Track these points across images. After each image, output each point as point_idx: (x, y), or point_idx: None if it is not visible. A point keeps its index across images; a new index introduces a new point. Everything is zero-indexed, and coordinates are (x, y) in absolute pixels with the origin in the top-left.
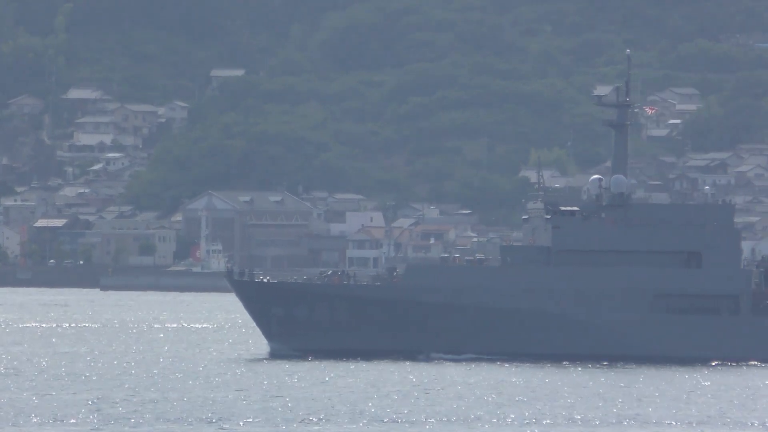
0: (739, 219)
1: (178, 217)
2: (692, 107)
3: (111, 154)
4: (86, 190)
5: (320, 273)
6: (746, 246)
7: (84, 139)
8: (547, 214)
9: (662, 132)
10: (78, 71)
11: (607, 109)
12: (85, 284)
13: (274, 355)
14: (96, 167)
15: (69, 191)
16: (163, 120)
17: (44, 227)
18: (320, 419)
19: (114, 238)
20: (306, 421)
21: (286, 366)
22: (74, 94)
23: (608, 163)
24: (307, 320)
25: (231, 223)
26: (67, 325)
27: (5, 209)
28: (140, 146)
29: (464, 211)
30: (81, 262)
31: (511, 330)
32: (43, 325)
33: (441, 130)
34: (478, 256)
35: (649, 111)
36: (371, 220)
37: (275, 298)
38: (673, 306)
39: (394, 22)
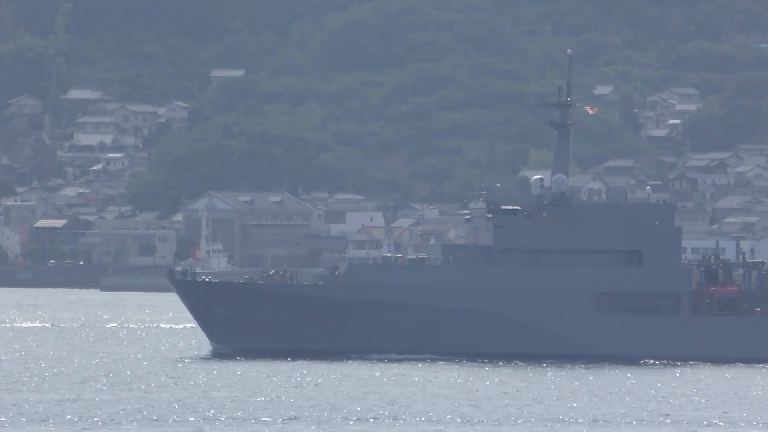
0: (738, 219)
1: (179, 217)
2: (692, 107)
3: (111, 155)
4: (86, 191)
5: (262, 273)
6: (746, 246)
7: (84, 139)
8: (488, 213)
9: (662, 132)
10: (78, 71)
11: (549, 109)
12: (86, 284)
13: (216, 355)
14: (96, 167)
15: (69, 191)
16: (163, 120)
17: (44, 227)
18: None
19: (114, 239)
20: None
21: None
22: (74, 94)
23: (608, 163)
24: (250, 320)
25: (231, 224)
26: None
27: (5, 209)
28: (140, 146)
29: (464, 211)
30: (81, 263)
31: (453, 329)
32: None
33: (441, 130)
34: (420, 255)
35: (590, 111)
36: (371, 221)
37: (217, 298)
38: (614, 305)
39: (394, 22)
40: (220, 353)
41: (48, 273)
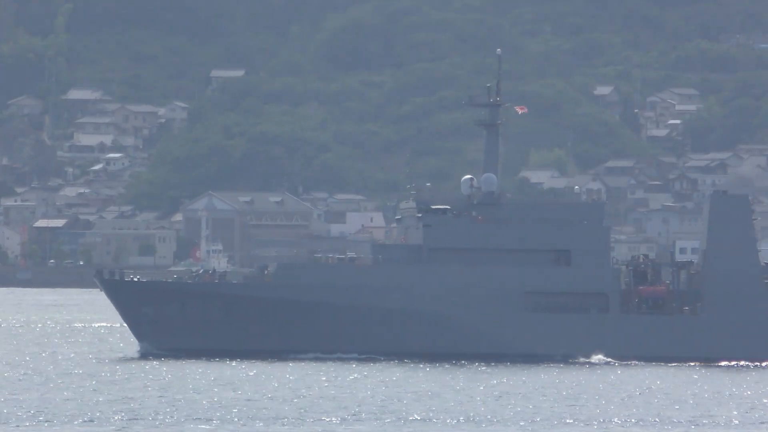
0: None
1: (179, 217)
2: (692, 107)
3: (111, 155)
4: (86, 191)
5: (191, 272)
6: None
7: (84, 139)
8: (418, 212)
9: (662, 132)
10: (78, 72)
11: (478, 109)
12: (85, 284)
13: (145, 355)
14: (96, 167)
15: (69, 191)
16: (163, 120)
17: (44, 227)
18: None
19: (114, 239)
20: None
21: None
22: (74, 94)
23: (608, 164)
24: (178, 319)
25: (231, 224)
26: None
27: (5, 209)
28: (140, 147)
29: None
30: (81, 263)
31: (383, 328)
32: None
33: (441, 130)
34: (350, 254)
35: (519, 110)
36: (371, 221)
37: (146, 298)
38: (543, 304)
39: (394, 22)
40: (149, 353)
41: (48, 273)
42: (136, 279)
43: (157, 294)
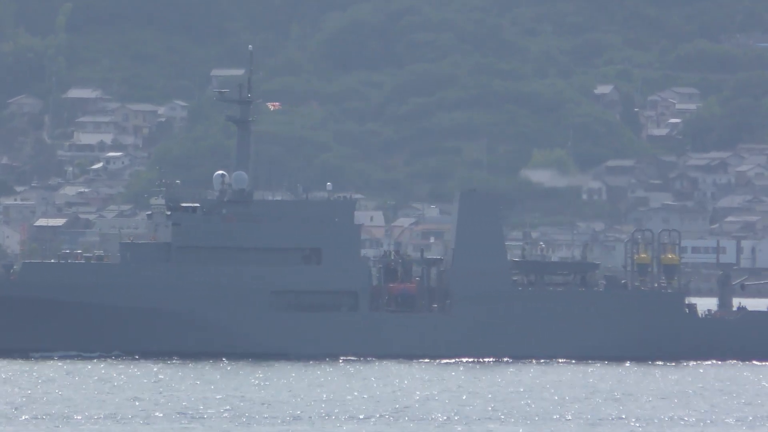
0: (738, 218)
1: None
2: (692, 107)
3: (111, 154)
4: (86, 190)
5: None
6: (746, 245)
7: (84, 138)
8: (168, 210)
9: (662, 132)
10: (78, 71)
11: (230, 104)
12: None
13: None
14: (96, 166)
15: (69, 190)
16: (164, 119)
17: (44, 226)
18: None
19: (114, 238)
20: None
21: None
22: (74, 93)
23: (609, 163)
24: None
25: None
26: None
27: (5, 208)
28: (140, 146)
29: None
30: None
31: (131, 328)
32: None
33: (441, 130)
34: (97, 253)
35: (271, 107)
36: (371, 220)
37: None
38: (293, 303)
39: (394, 22)
40: None
41: None
42: None
43: None
